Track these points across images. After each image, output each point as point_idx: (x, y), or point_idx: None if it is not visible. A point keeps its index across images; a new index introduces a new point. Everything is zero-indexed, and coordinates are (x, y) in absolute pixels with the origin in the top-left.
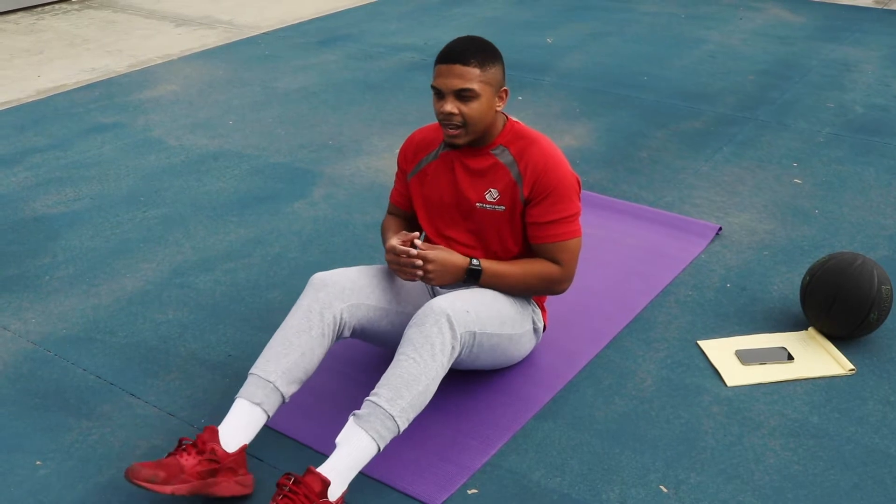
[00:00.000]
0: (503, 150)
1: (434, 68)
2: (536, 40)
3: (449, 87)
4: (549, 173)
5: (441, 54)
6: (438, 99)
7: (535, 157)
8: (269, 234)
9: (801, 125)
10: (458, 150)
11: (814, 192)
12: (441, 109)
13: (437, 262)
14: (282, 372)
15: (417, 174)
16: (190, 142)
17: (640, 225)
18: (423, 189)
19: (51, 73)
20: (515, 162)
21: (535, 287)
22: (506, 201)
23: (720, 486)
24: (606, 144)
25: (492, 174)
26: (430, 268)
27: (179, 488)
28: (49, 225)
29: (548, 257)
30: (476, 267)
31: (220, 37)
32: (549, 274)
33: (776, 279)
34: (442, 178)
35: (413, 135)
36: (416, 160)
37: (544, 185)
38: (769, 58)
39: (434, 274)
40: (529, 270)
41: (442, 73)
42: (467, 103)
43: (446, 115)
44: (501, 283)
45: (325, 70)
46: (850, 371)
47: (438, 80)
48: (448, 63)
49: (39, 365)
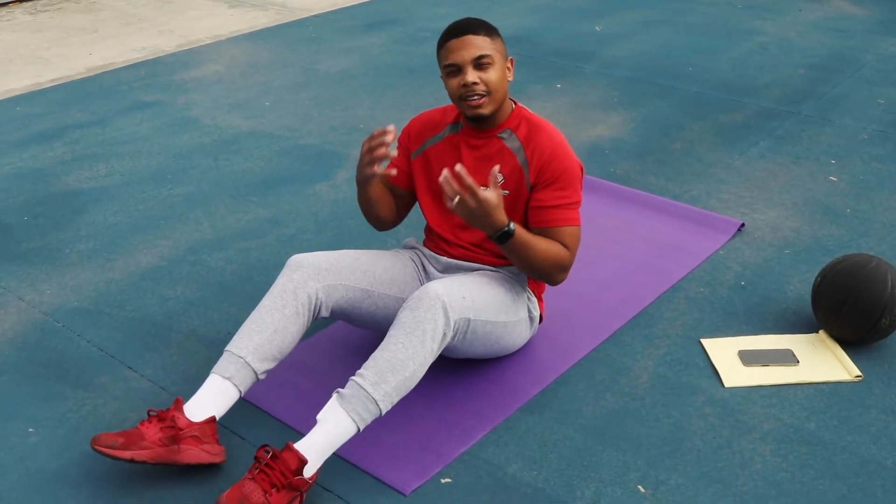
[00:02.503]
0: (510, 134)
1: (441, 50)
2: (585, 28)
3: (467, 58)
4: (555, 159)
5: (446, 33)
6: (455, 75)
7: (543, 143)
8: (287, 214)
9: (846, 121)
10: (464, 132)
11: (848, 191)
12: (462, 82)
13: (486, 206)
14: (253, 348)
15: (421, 154)
16: (225, 122)
17: (659, 218)
18: (426, 170)
19: (102, 51)
20: (522, 147)
21: (546, 266)
22: (510, 185)
23: (700, 490)
24: (640, 135)
25: (498, 158)
26: (473, 206)
27: (139, 454)
28: (77, 199)
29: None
30: (510, 231)
31: (270, 18)
32: (562, 257)
33: (794, 279)
34: (447, 160)
35: (419, 116)
36: (420, 140)
37: (551, 170)
38: (823, 51)
39: (472, 213)
40: (549, 248)
41: (454, 48)
42: (486, 70)
43: (469, 86)
44: (521, 254)
45: (368, 53)
46: (856, 377)
47: (452, 55)
48: (459, 36)
49: (46, 335)
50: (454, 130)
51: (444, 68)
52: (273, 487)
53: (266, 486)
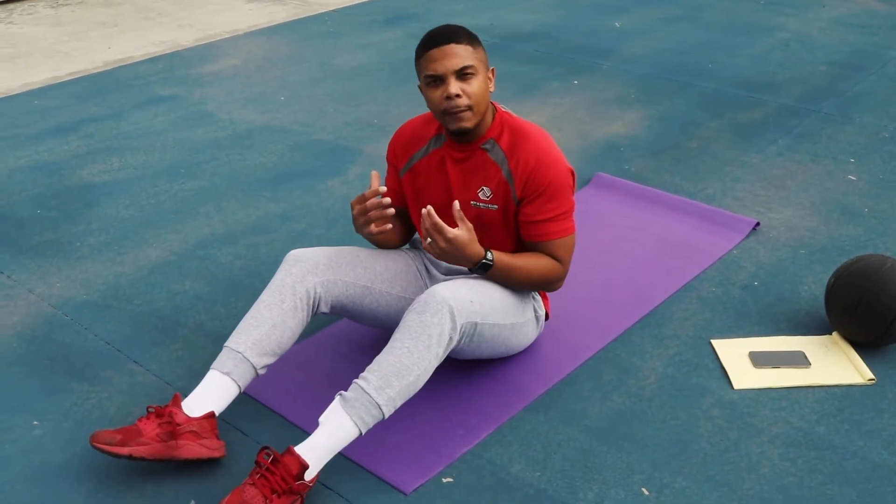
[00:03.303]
0: (493, 144)
1: (420, 59)
2: (604, 24)
3: (449, 69)
4: (540, 171)
5: (427, 42)
6: (437, 86)
7: (526, 155)
8: (297, 210)
9: (868, 119)
10: (447, 146)
11: (867, 190)
12: (445, 94)
13: (456, 244)
14: (251, 343)
15: (410, 171)
16: (239, 116)
17: (672, 216)
18: (416, 187)
19: (121, 45)
20: (506, 159)
21: (535, 283)
22: (498, 200)
23: (705, 494)
24: (656, 133)
25: (483, 171)
26: (443, 246)
27: (137, 450)
28: (91, 193)
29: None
30: (489, 262)
31: (288, 13)
32: (550, 271)
33: (808, 280)
34: (433, 176)
35: (401, 129)
36: (406, 156)
37: (536, 183)
38: (846, 48)
39: (445, 253)
40: (535, 266)
41: (436, 58)
42: (469, 81)
43: (452, 99)
44: (507, 278)
45: (385, 49)
46: (869, 381)
47: (434, 65)
48: (440, 45)
49: (55, 328)
50: (437, 144)
51: (424, 78)
52: (274, 493)
53: (266, 491)
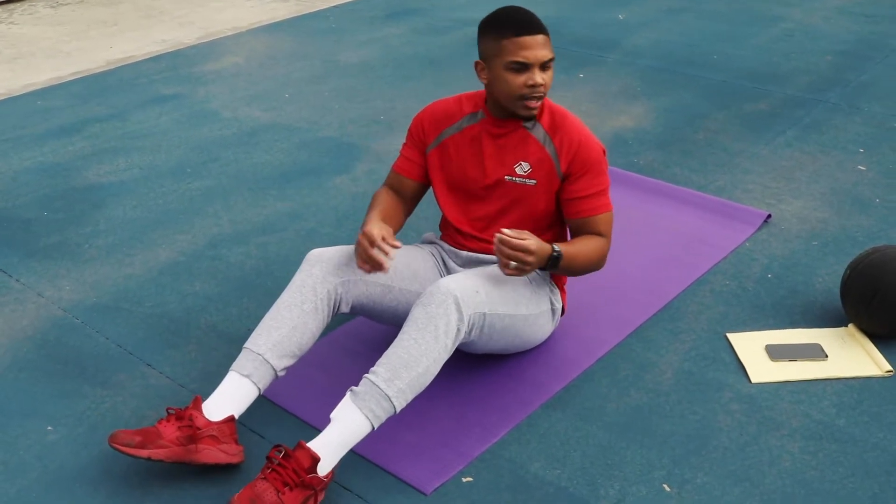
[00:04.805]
0: (535, 123)
1: (505, 41)
2: (608, 16)
3: (539, 59)
4: (584, 148)
5: (516, 26)
6: (521, 72)
7: (571, 132)
8: (306, 208)
9: (875, 109)
10: (485, 122)
11: (877, 181)
12: (530, 82)
13: (538, 253)
14: (272, 345)
15: (438, 146)
16: (244, 114)
17: (683, 209)
18: (444, 162)
19: (123, 44)
20: (549, 137)
21: (593, 265)
22: (538, 175)
23: (727, 489)
24: (663, 125)
25: (522, 147)
26: (531, 260)
27: (156, 453)
28: (97, 194)
29: (588, 231)
30: (558, 253)
31: (290, 9)
32: (602, 249)
33: (822, 271)
34: (465, 151)
35: (432, 106)
36: (437, 131)
37: (582, 160)
38: (851, 37)
39: (531, 265)
40: (591, 248)
41: (529, 45)
42: (547, 72)
43: (535, 88)
44: (571, 267)
45: (388, 44)
46: (887, 372)
47: (526, 52)
48: (533, 34)
49: (66, 332)
50: (473, 121)
51: (508, 62)
52: (286, 486)
53: (278, 485)
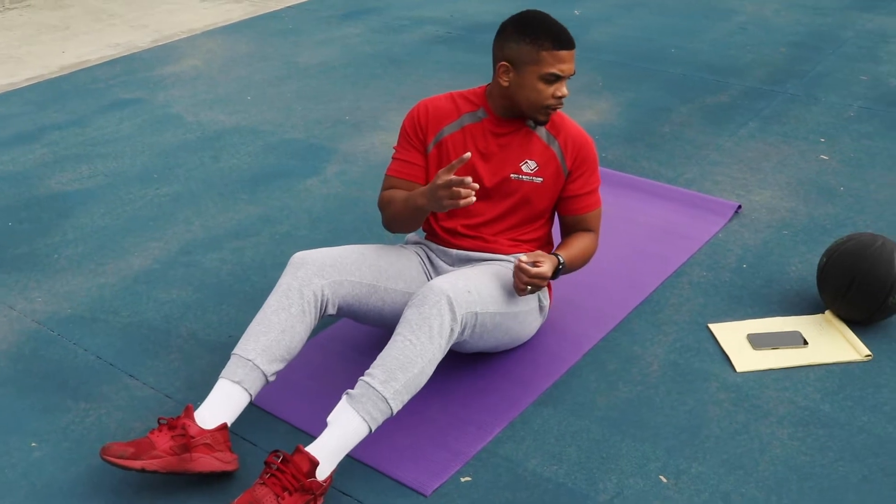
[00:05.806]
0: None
1: (544, 52)
2: (564, 12)
3: (570, 73)
4: (586, 146)
5: (556, 39)
6: (551, 83)
7: (572, 131)
8: (279, 211)
9: (832, 99)
10: (488, 122)
11: (840, 169)
12: (559, 93)
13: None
14: (261, 350)
15: (437, 145)
16: (207, 118)
17: (655, 203)
18: (441, 161)
19: (75, 48)
20: (552, 136)
21: (585, 263)
22: (544, 173)
23: (722, 477)
24: (628, 120)
25: (527, 146)
26: (546, 283)
27: (150, 463)
28: (62, 203)
29: (582, 227)
30: (562, 265)
31: (244, 10)
32: (593, 247)
33: (795, 260)
34: (463, 150)
35: (425, 104)
36: (436, 129)
37: (584, 157)
38: (802, 29)
39: (545, 284)
40: (585, 247)
41: (566, 60)
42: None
43: (560, 99)
44: (571, 269)
45: (347, 44)
46: (866, 357)
47: (562, 66)
48: (570, 49)
49: (42, 345)
50: (474, 119)
51: (544, 73)
52: (285, 491)
53: (278, 489)
